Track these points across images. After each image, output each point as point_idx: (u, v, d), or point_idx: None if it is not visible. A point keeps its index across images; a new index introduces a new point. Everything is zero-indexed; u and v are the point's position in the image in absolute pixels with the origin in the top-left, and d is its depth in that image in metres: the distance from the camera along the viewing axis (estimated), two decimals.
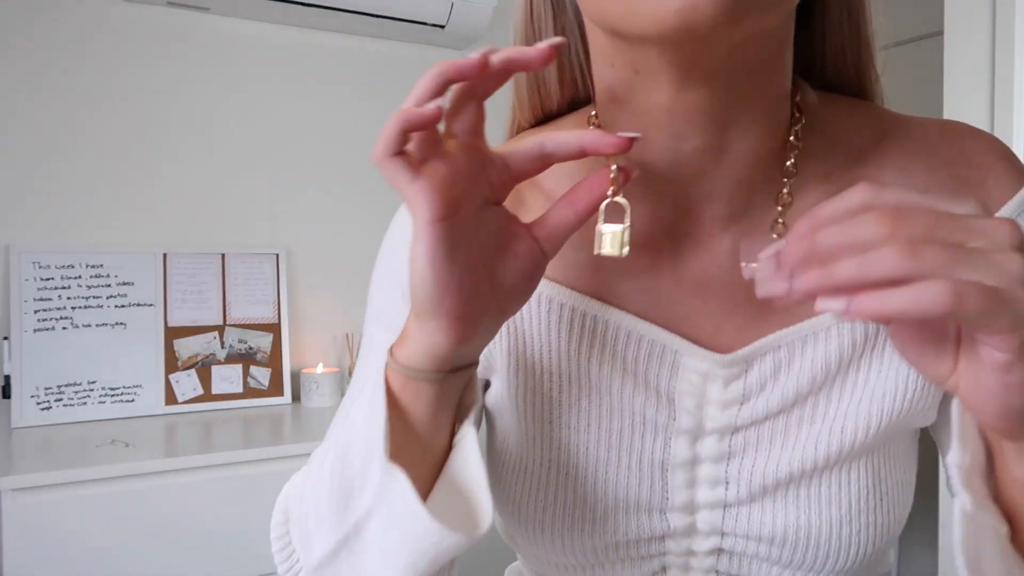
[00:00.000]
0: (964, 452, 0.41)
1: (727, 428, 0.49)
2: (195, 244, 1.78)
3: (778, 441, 0.49)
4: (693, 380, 0.48)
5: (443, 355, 0.42)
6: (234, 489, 1.36)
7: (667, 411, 0.49)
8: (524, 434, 0.52)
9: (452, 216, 0.39)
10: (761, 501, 0.50)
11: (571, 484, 0.51)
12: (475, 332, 0.42)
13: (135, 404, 1.66)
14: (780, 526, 0.49)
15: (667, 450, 0.50)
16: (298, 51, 1.88)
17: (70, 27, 1.67)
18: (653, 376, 0.49)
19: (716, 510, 0.50)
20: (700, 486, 0.50)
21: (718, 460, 0.50)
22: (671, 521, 0.51)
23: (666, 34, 0.36)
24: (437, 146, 0.39)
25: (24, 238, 1.64)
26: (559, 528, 0.51)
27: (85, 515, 1.28)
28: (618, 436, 0.50)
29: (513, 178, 0.43)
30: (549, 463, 0.51)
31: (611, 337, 0.49)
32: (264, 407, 1.76)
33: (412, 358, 0.43)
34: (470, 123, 0.41)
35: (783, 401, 0.48)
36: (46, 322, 1.61)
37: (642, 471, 0.50)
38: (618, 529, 0.51)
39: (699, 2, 0.34)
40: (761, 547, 0.50)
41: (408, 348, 0.43)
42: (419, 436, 0.45)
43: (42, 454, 1.36)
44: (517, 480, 0.52)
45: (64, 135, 1.67)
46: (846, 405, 0.48)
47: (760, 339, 0.48)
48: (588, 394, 0.50)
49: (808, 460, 0.48)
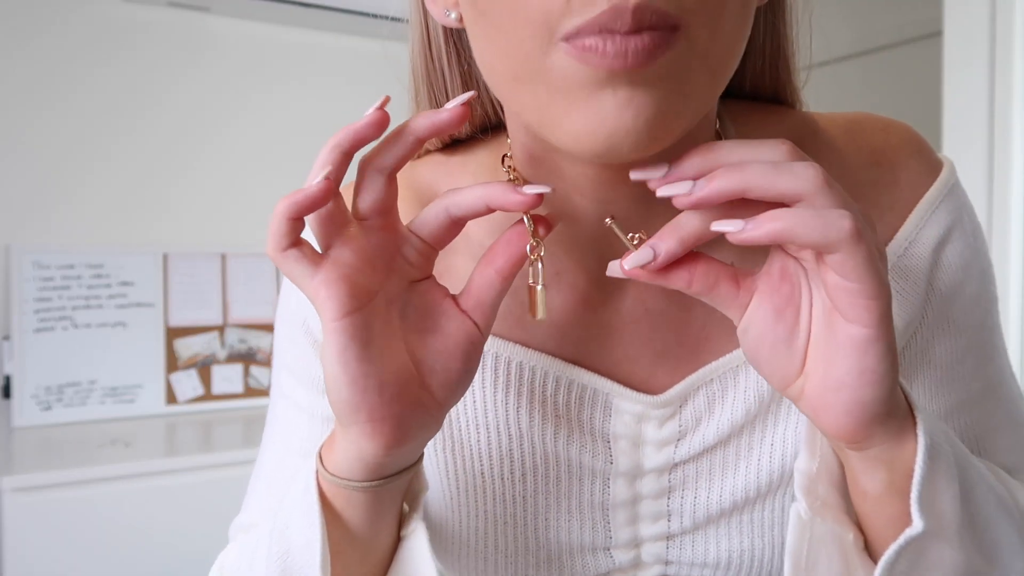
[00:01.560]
0: (812, 459, 0.41)
1: (665, 466, 0.47)
2: (195, 244, 1.78)
3: (717, 473, 0.48)
4: (627, 422, 0.46)
5: (374, 463, 0.39)
6: (234, 489, 1.36)
7: (603, 455, 0.47)
8: (455, 488, 0.49)
9: (362, 308, 0.36)
10: (704, 530, 0.49)
11: (510, 532, 0.49)
12: (407, 434, 0.38)
13: (135, 404, 1.66)
14: (724, 551, 0.49)
15: (606, 492, 0.48)
16: (298, 51, 1.88)
17: (69, 27, 1.67)
18: (587, 419, 0.47)
19: (660, 542, 0.49)
20: (642, 522, 0.49)
21: (658, 496, 0.48)
22: (616, 557, 0.50)
23: (588, 157, 0.34)
24: (339, 229, 0.36)
25: (24, 238, 1.64)
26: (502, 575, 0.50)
27: (85, 515, 1.28)
28: (555, 483, 0.48)
29: (433, 248, 0.39)
30: (485, 514, 0.49)
31: (539, 384, 0.46)
32: (264, 407, 1.76)
33: (340, 466, 0.39)
34: (379, 200, 0.37)
35: (719, 434, 0.47)
36: (46, 322, 1.61)
37: (583, 514, 0.48)
38: (563, 570, 0.50)
39: (626, 132, 0.32)
40: (706, 571, 0.50)
41: (335, 455, 0.39)
42: (360, 540, 0.42)
43: (42, 454, 1.36)
44: (453, 533, 0.50)
45: (64, 135, 1.67)
46: (782, 430, 0.47)
47: (691, 375, 0.46)
48: (520, 444, 0.47)
49: (750, 488, 0.47)
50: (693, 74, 0.33)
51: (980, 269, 0.48)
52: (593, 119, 0.33)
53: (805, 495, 0.40)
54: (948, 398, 0.48)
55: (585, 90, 0.32)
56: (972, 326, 0.48)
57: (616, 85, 0.32)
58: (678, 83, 0.33)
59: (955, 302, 0.47)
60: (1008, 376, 0.50)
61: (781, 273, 0.36)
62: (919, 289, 0.46)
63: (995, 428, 0.49)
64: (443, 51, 0.46)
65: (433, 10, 0.42)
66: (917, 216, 0.46)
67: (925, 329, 0.47)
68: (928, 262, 0.46)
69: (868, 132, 0.48)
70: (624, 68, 0.31)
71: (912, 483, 0.35)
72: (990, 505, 0.39)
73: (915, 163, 0.47)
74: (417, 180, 0.50)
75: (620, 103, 0.32)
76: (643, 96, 0.32)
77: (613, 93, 0.32)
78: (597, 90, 0.32)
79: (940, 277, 0.47)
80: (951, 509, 0.36)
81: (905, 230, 0.46)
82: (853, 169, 0.46)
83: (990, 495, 0.39)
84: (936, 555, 0.36)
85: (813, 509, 0.40)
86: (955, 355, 0.48)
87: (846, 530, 0.40)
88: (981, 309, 0.49)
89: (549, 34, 0.32)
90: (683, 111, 0.34)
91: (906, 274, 0.46)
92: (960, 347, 0.48)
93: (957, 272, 0.47)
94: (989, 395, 0.49)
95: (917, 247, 0.46)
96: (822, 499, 0.41)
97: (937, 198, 0.46)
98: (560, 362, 0.46)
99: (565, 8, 0.31)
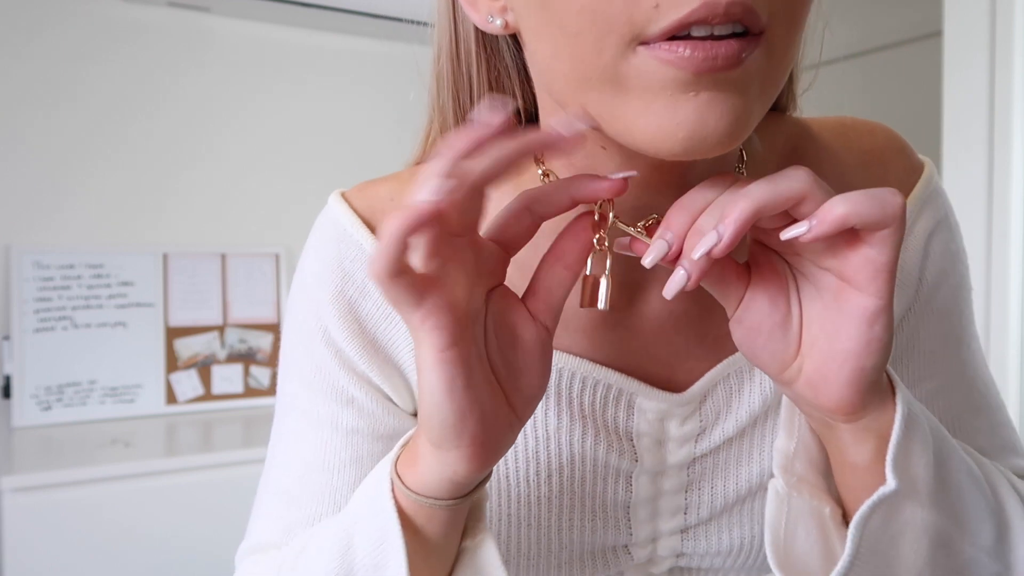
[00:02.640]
0: (789, 439, 0.43)
1: (686, 461, 0.48)
2: (195, 244, 1.78)
3: (732, 464, 0.49)
4: (650, 420, 0.47)
5: (464, 482, 0.38)
6: (234, 489, 1.37)
7: (628, 453, 0.48)
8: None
9: (465, 336, 0.35)
10: (718, 520, 0.50)
11: (533, 535, 0.49)
12: (498, 453, 0.38)
13: (135, 404, 1.66)
14: (736, 539, 0.50)
15: (628, 490, 0.49)
16: (298, 51, 1.88)
17: (68, 28, 1.67)
18: (611, 419, 0.47)
19: (676, 536, 0.50)
20: (661, 517, 0.50)
21: (678, 491, 0.49)
22: (634, 554, 0.51)
23: (663, 155, 0.35)
24: (446, 252, 0.34)
25: (24, 238, 1.64)
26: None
27: (85, 515, 1.28)
28: (579, 484, 0.48)
29: (508, 253, 0.39)
30: (509, 517, 0.49)
31: (566, 386, 0.47)
32: (264, 407, 1.76)
33: (427, 487, 0.39)
34: (478, 215, 0.35)
35: (738, 426, 0.48)
36: (46, 322, 1.61)
37: (606, 513, 0.49)
38: (584, 570, 0.50)
39: (708, 133, 0.33)
40: (717, 559, 0.51)
41: (422, 476, 0.39)
42: (435, 553, 0.42)
43: (42, 454, 1.36)
44: None
45: (63, 135, 1.67)
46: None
47: (711, 371, 0.47)
48: (547, 446, 0.48)
49: (765, 476, 0.49)
50: (768, 80, 0.35)
51: (961, 260, 0.51)
52: (671, 120, 0.34)
53: (782, 472, 0.42)
54: (930, 382, 0.50)
55: (667, 91, 0.33)
56: (952, 314, 0.51)
57: (699, 88, 0.33)
58: (756, 87, 0.34)
59: (939, 291, 0.50)
60: (979, 362, 0.53)
61: (768, 265, 0.38)
62: (912, 279, 0.49)
63: (969, 411, 0.51)
64: (472, 57, 0.46)
65: (474, 16, 0.42)
66: (909, 211, 0.48)
67: (913, 317, 0.50)
68: (920, 254, 0.49)
69: (856, 135, 0.50)
70: (712, 71, 0.32)
71: (888, 446, 0.37)
72: (962, 474, 0.41)
73: (901, 161, 0.50)
74: None
75: (701, 105, 0.33)
76: (726, 99, 0.33)
77: (695, 95, 0.33)
78: (679, 92, 0.33)
79: (928, 267, 0.49)
80: (925, 474, 0.38)
81: None
82: (847, 169, 0.49)
83: (962, 466, 0.41)
84: (909, 515, 0.38)
85: (789, 485, 0.42)
86: (937, 341, 0.51)
87: (823, 504, 0.42)
88: (960, 298, 0.52)
89: (631, 37, 0.33)
90: (757, 114, 0.35)
91: (902, 266, 0.48)
92: (941, 334, 0.51)
93: (942, 263, 0.50)
94: (964, 379, 0.51)
95: (910, 240, 0.49)
96: (799, 476, 0.43)
97: (924, 194, 0.49)
98: (586, 363, 0.47)
99: (652, 13, 0.32)
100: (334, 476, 0.48)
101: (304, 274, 0.50)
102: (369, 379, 0.48)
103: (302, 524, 0.48)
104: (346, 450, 0.48)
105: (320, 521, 0.48)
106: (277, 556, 0.47)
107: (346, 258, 0.48)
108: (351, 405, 0.48)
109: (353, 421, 0.48)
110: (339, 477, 0.48)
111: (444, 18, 0.47)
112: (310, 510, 0.48)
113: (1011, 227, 1.30)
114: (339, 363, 0.48)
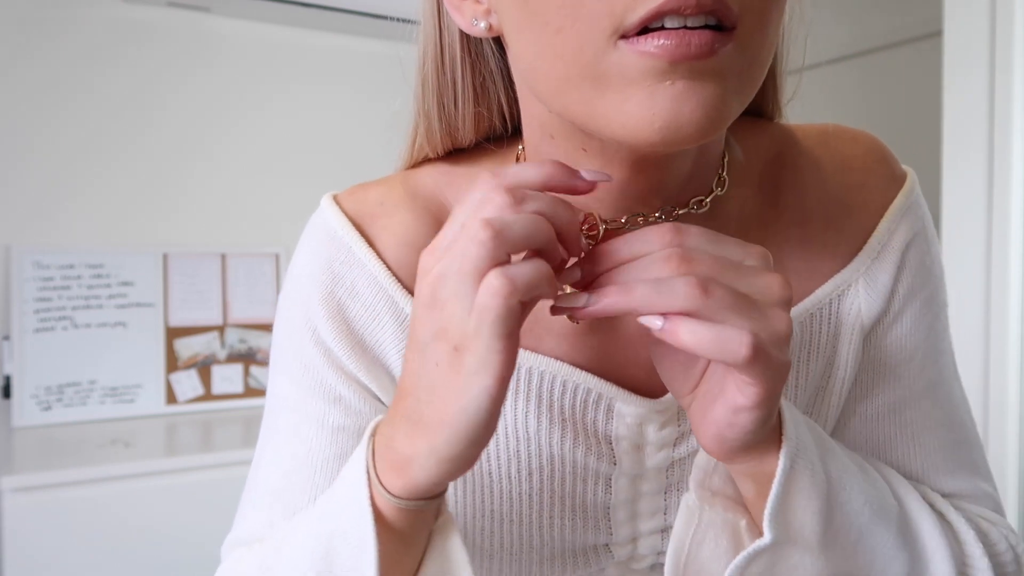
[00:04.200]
0: (708, 455, 0.43)
1: (664, 465, 0.49)
2: (195, 244, 1.78)
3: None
4: (629, 424, 0.48)
5: (451, 480, 0.39)
6: (234, 489, 1.36)
7: (607, 457, 0.48)
8: (463, 487, 0.50)
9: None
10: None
11: (515, 531, 0.50)
12: (478, 457, 0.39)
13: (135, 404, 1.66)
14: None
15: (608, 492, 0.49)
16: (298, 51, 1.88)
17: (68, 27, 1.67)
18: (590, 422, 0.48)
19: (656, 535, 0.51)
20: (641, 517, 0.50)
21: (657, 493, 0.50)
22: (615, 552, 0.51)
23: (642, 146, 0.35)
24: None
25: (24, 238, 1.64)
26: (506, 572, 0.51)
27: (85, 515, 1.28)
28: (560, 483, 0.49)
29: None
30: (492, 512, 0.50)
31: (547, 388, 0.47)
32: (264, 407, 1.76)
33: (416, 490, 0.39)
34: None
35: None
36: (46, 322, 1.61)
37: (586, 513, 0.50)
38: (565, 567, 0.51)
39: (683, 122, 0.34)
40: None
41: (416, 480, 0.39)
42: (407, 542, 0.42)
43: (42, 454, 1.36)
44: (460, 531, 0.49)
45: (64, 136, 1.67)
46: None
47: None
48: (527, 445, 0.48)
49: None
50: (744, 75, 0.36)
51: (935, 274, 0.52)
52: (649, 110, 0.34)
53: (696, 486, 0.44)
54: (892, 394, 0.51)
55: (645, 81, 0.34)
56: (923, 327, 0.51)
57: (675, 77, 0.34)
58: (730, 80, 0.35)
59: (912, 302, 0.50)
60: (948, 378, 0.53)
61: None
62: (885, 290, 0.49)
63: (928, 427, 0.51)
64: (458, 61, 0.47)
65: (459, 20, 0.43)
66: (889, 220, 0.49)
67: (881, 328, 0.50)
68: (896, 266, 0.49)
69: (839, 142, 0.51)
70: (686, 58, 0.33)
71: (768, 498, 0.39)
72: (864, 516, 0.42)
73: (881, 168, 0.50)
74: (419, 187, 0.50)
75: (677, 94, 0.34)
76: (701, 89, 0.34)
77: (671, 85, 0.34)
78: (655, 81, 0.34)
79: (902, 280, 0.50)
80: (812, 521, 0.40)
81: (879, 233, 0.49)
82: (828, 174, 0.50)
83: (867, 507, 0.42)
84: (797, 560, 0.40)
85: (702, 499, 0.44)
86: (904, 355, 0.51)
87: (739, 516, 0.43)
88: (932, 313, 0.51)
89: (612, 31, 0.34)
90: (733, 106, 0.36)
91: (876, 276, 0.49)
92: (909, 347, 0.51)
93: (917, 275, 0.50)
94: (928, 395, 0.51)
95: (887, 251, 0.49)
96: (714, 490, 0.44)
97: (905, 204, 0.50)
98: (566, 367, 0.47)
99: (630, 3, 0.33)
100: (319, 472, 0.49)
101: (294, 275, 0.51)
102: (357, 378, 0.49)
103: (286, 519, 0.49)
104: (332, 447, 0.49)
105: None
106: (259, 551, 0.48)
107: (335, 260, 0.49)
108: (339, 403, 0.49)
109: (340, 419, 0.49)
110: (324, 474, 0.49)
111: (429, 23, 0.48)
112: (295, 505, 0.49)
113: (1011, 228, 1.30)
114: (327, 362, 0.49)
